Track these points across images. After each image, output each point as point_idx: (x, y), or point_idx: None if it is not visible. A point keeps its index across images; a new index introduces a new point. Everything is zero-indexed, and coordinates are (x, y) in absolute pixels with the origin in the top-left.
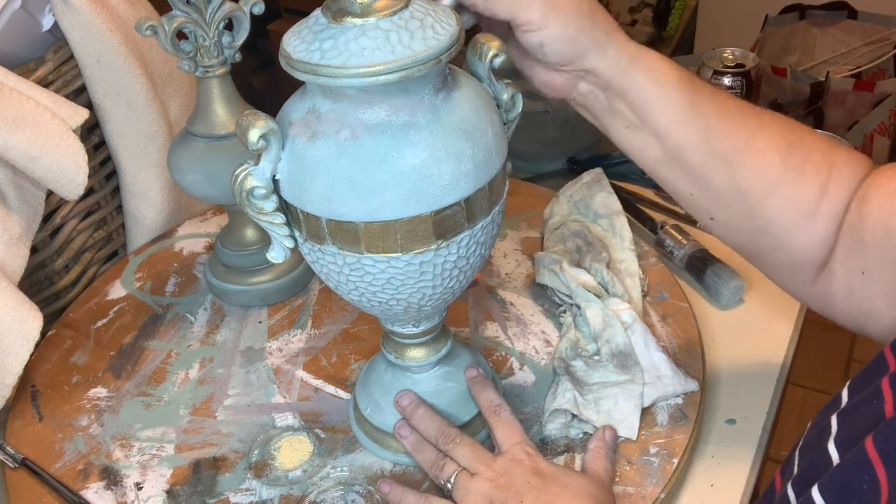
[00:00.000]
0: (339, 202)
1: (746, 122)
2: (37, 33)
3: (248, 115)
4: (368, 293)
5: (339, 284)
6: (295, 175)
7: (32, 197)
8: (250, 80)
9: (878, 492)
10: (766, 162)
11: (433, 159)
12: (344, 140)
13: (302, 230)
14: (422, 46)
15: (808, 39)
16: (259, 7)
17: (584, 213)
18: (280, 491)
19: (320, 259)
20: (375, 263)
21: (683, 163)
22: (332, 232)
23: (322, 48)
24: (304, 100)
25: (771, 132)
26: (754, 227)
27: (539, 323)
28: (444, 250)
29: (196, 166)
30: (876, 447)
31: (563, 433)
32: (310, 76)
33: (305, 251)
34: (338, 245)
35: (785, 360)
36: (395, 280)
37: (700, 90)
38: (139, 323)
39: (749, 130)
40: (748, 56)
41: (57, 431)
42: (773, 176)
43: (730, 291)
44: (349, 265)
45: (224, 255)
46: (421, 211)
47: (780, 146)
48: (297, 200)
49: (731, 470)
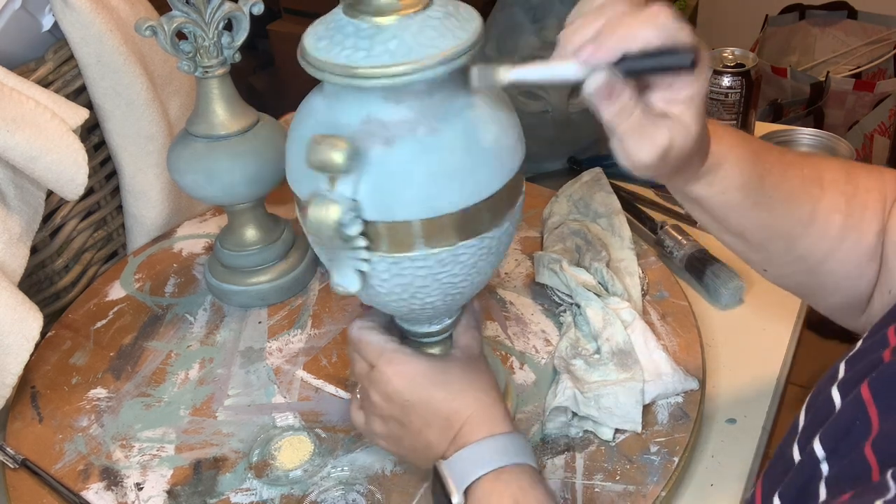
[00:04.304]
0: (438, 197)
1: (810, 192)
2: (37, 33)
3: (319, 139)
4: (449, 286)
5: (418, 291)
6: (380, 186)
7: (32, 197)
8: (250, 80)
9: (869, 429)
10: (827, 227)
11: (502, 132)
12: (424, 135)
13: (382, 245)
14: (468, 33)
15: (808, 39)
16: (258, 7)
17: (584, 213)
18: (281, 491)
19: (403, 271)
20: (466, 250)
21: (740, 237)
22: (425, 232)
23: (388, 48)
24: (347, 110)
25: (832, 193)
26: (814, 282)
27: (539, 322)
28: (498, 231)
29: (196, 166)
30: (870, 389)
31: (563, 432)
32: (377, 80)
33: (382, 269)
34: (430, 244)
35: (785, 360)
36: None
37: (765, 172)
38: (139, 324)
39: (812, 202)
40: (748, 56)
41: (57, 432)
42: (834, 238)
43: (729, 292)
44: (441, 262)
45: (223, 255)
46: (502, 184)
47: (841, 205)
48: (384, 213)
49: (731, 469)
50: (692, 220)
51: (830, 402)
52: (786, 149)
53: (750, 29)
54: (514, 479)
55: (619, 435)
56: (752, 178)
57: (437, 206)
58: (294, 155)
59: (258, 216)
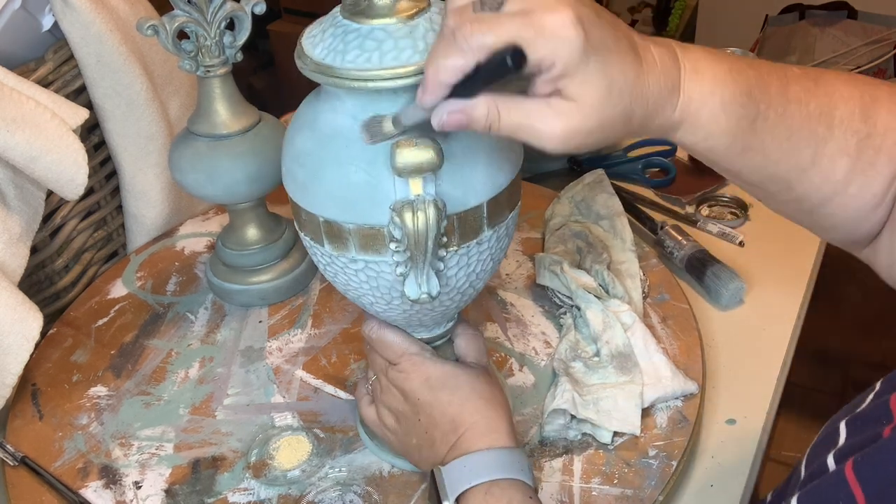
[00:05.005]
0: (497, 173)
1: (813, 131)
2: (37, 33)
3: (404, 143)
4: (475, 279)
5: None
6: (452, 177)
7: (32, 197)
8: (250, 80)
9: None
10: (831, 170)
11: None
12: None
13: (454, 239)
14: None
15: (808, 39)
16: (260, 7)
17: (586, 214)
18: (278, 491)
19: (470, 259)
20: (511, 221)
21: (735, 176)
22: (489, 212)
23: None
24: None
25: (842, 133)
26: (811, 221)
27: (539, 324)
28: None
29: (197, 166)
30: (854, 471)
31: (561, 435)
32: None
33: (452, 264)
34: (491, 224)
35: (785, 360)
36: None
37: (757, 114)
38: (140, 322)
39: (814, 144)
40: (748, 56)
41: (57, 430)
42: (838, 181)
43: (730, 293)
44: (499, 239)
45: (225, 254)
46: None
47: (850, 147)
48: (460, 204)
49: (731, 470)
50: (692, 221)
51: (824, 467)
52: (797, 72)
53: (750, 29)
54: (505, 494)
55: (618, 438)
56: (740, 122)
57: (498, 182)
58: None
59: (259, 215)
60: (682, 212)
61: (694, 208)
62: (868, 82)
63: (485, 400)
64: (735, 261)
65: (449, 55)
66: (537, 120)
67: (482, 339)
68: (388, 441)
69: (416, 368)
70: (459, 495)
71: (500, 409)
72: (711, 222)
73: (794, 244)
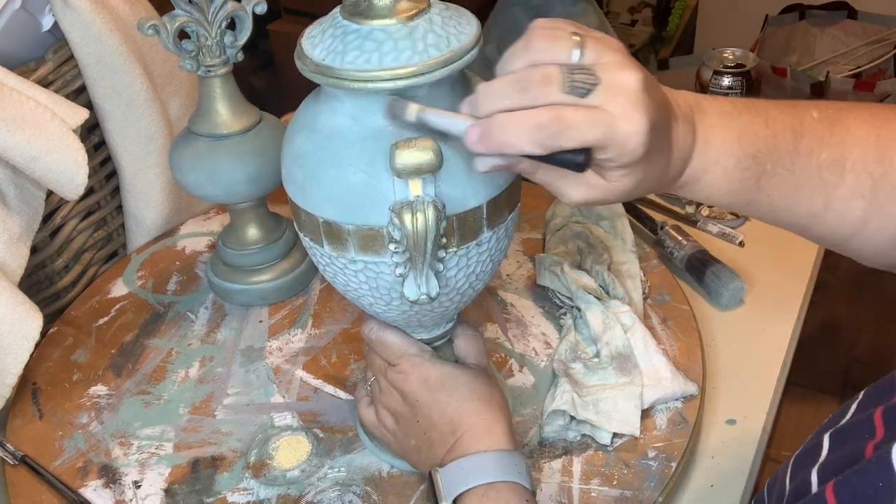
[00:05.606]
0: (496, 174)
1: (823, 180)
2: (37, 33)
3: (402, 144)
4: (474, 280)
5: (477, 278)
6: (451, 178)
7: (32, 197)
8: (251, 80)
9: None
10: (846, 213)
11: None
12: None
13: (454, 240)
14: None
15: (808, 39)
16: (261, 7)
17: (587, 215)
18: (277, 491)
19: (469, 260)
20: (511, 222)
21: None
22: (489, 213)
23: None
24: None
25: (856, 176)
26: (846, 251)
27: (539, 324)
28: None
29: (198, 165)
30: (835, 494)
31: (561, 436)
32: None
33: (452, 265)
34: (491, 225)
35: (785, 360)
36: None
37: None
38: (140, 321)
39: (825, 191)
40: (748, 56)
41: (57, 429)
42: (856, 221)
43: (730, 293)
44: (498, 240)
45: (226, 253)
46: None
47: (864, 189)
48: (459, 204)
49: (731, 470)
50: (692, 221)
51: (807, 484)
52: (814, 118)
53: (750, 29)
54: (502, 497)
55: (618, 439)
56: (743, 183)
57: (498, 183)
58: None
59: (260, 215)
60: (682, 212)
61: (694, 208)
62: (887, 119)
63: (484, 401)
64: (735, 261)
65: (522, 138)
66: (567, 185)
67: (482, 340)
68: (387, 442)
69: (416, 369)
70: (456, 498)
71: (499, 410)
72: (711, 222)
73: (794, 244)
